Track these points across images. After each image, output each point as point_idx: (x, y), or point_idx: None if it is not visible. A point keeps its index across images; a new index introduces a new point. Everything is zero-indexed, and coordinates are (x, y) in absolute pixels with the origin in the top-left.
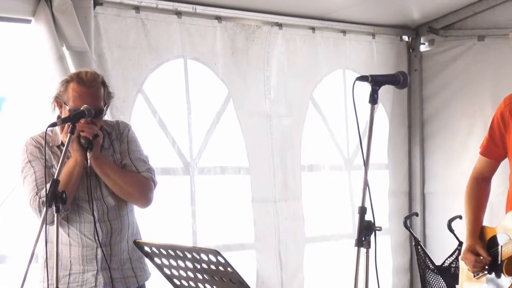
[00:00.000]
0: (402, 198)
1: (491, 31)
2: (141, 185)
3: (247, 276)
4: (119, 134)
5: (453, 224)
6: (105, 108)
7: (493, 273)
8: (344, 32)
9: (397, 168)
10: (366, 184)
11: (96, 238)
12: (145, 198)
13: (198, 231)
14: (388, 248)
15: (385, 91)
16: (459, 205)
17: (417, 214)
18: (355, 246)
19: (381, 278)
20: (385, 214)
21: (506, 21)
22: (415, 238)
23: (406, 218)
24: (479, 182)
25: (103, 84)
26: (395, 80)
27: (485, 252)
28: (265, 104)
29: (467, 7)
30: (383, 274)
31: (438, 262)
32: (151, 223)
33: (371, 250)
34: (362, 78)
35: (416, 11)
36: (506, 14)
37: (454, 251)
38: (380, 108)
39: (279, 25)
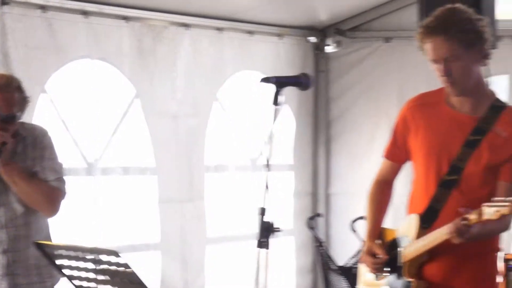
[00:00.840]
0: (306, 198)
1: (397, 33)
2: (48, 195)
3: (152, 276)
4: (34, 139)
5: (356, 225)
6: (18, 114)
7: (394, 275)
8: (251, 32)
9: (302, 168)
10: (266, 185)
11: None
12: (51, 207)
13: (103, 232)
14: (292, 248)
15: (291, 92)
16: (362, 206)
17: (320, 215)
18: (256, 247)
19: (284, 278)
20: (289, 215)
21: (412, 23)
22: (318, 238)
23: (310, 218)
24: (382, 185)
25: (19, 89)
26: (299, 81)
27: (382, 250)
28: (172, 104)
29: (374, 9)
30: (287, 274)
31: (341, 263)
32: (57, 225)
33: (271, 251)
34: (266, 80)
35: (323, 12)
36: (412, 16)
37: (357, 252)
38: (286, 109)
39: (186, 26)
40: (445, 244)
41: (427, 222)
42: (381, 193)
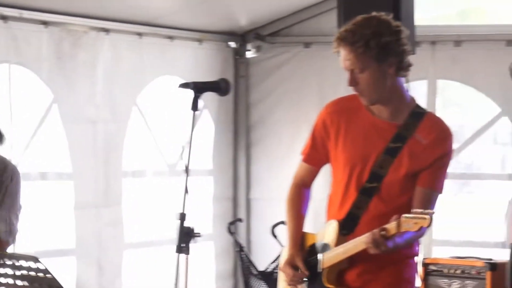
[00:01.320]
0: (226, 204)
1: (316, 38)
2: None
3: (67, 282)
4: (1, 177)
5: (277, 230)
6: None
7: (313, 281)
8: (171, 38)
9: (222, 173)
10: (186, 190)
11: None
12: None
13: (19, 237)
14: (212, 254)
15: (211, 97)
16: (283, 210)
17: (241, 220)
18: (175, 252)
19: (204, 284)
20: (209, 220)
21: (331, 28)
22: (238, 243)
23: (230, 223)
24: (300, 189)
25: None
26: (217, 87)
27: (304, 266)
28: (91, 109)
29: (293, 14)
30: (206, 279)
31: (262, 267)
32: None
33: (191, 256)
34: (185, 85)
35: (243, 17)
36: (331, 21)
37: (278, 257)
38: (205, 114)
39: (106, 31)
40: (364, 251)
41: (347, 228)
42: (300, 197)
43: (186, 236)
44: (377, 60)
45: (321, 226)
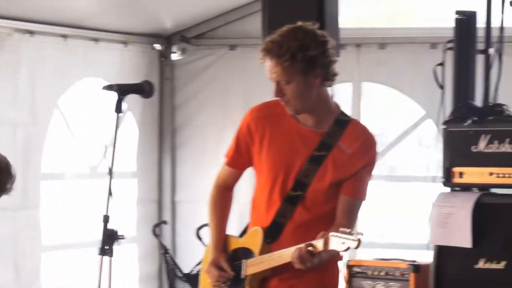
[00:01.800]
0: (151, 206)
1: (242, 41)
2: None
3: None
4: None
5: (202, 232)
6: None
7: (235, 287)
8: (96, 40)
9: (146, 176)
10: (110, 192)
11: None
12: None
13: None
14: (135, 256)
15: (135, 99)
16: (207, 213)
17: (166, 222)
18: (98, 254)
19: (127, 286)
20: (133, 223)
21: (256, 31)
22: (163, 246)
23: (155, 226)
24: (223, 191)
25: None
26: (141, 89)
27: (229, 266)
28: (12, 111)
29: (219, 17)
30: (129, 282)
31: (187, 270)
32: None
33: (114, 258)
34: (109, 87)
35: (168, 20)
36: (256, 24)
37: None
38: (129, 116)
39: (31, 33)
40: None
41: (271, 236)
42: (223, 199)
43: (109, 238)
44: (303, 72)
45: (246, 233)
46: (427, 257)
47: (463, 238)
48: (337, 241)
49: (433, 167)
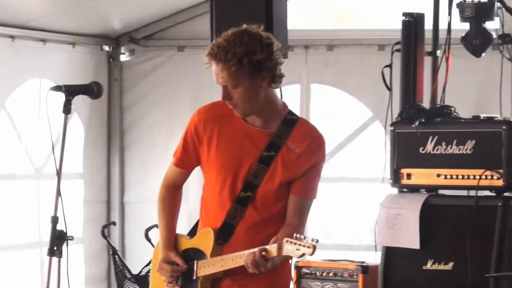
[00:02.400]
0: (99, 207)
1: (190, 42)
2: None
3: None
4: None
5: (151, 233)
6: None
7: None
8: (44, 41)
9: (93, 177)
10: (58, 193)
11: None
12: None
13: None
14: (81, 257)
15: (84, 100)
16: (156, 214)
17: (114, 223)
18: (47, 255)
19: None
20: (79, 223)
21: (205, 32)
22: (112, 247)
23: (104, 227)
24: (171, 190)
25: None
26: (89, 90)
27: (181, 259)
28: None
29: (168, 18)
30: (76, 283)
31: (136, 271)
32: None
33: (63, 259)
34: (56, 88)
35: (116, 21)
36: (204, 25)
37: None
38: (75, 118)
39: None
40: None
41: (222, 238)
42: (172, 198)
43: (58, 239)
44: (250, 76)
45: (197, 234)
46: (375, 258)
47: (411, 239)
48: (291, 247)
49: (380, 168)
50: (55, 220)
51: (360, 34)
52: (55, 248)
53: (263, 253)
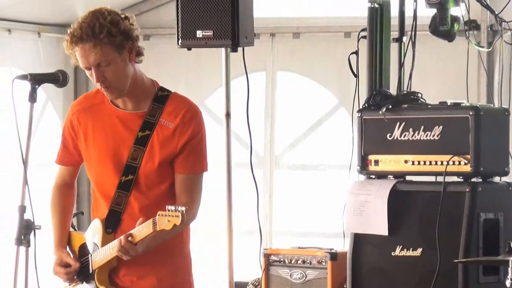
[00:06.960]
0: None
1: (155, 31)
2: None
3: None
4: None
5: None
6: None
7: (87, 284)
8: (9, 30)
9: None
10: (25, 182)
11: None
12: None
13: None
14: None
15: (57, 90)
16: None
17: (82, 213)
18: (15, 244)
19: (41, 277)
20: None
21: (170, 21)
22: None
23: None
24: (61, 190)
25: None
26: (54, 78)
27: (73, 259)
28: None
29: (133, 7)
30: (46, 273)
31: None
32: None
33: (31, 248)
34: (21, 77)
35: (81, 10)
36: (170, 14)
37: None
38: (50, 108)
39: None
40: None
41: (111, 226)
42: (61, 197)
43: (26, 228)
44: (119, 48)
45: (88, 228)
46: (344, 246)
47: (379, 226)
48: (162, 220)
49: (347, 155)
50: (22, 209)
51: (326, 21)
52: (22, 237)
53: (130, 238)
